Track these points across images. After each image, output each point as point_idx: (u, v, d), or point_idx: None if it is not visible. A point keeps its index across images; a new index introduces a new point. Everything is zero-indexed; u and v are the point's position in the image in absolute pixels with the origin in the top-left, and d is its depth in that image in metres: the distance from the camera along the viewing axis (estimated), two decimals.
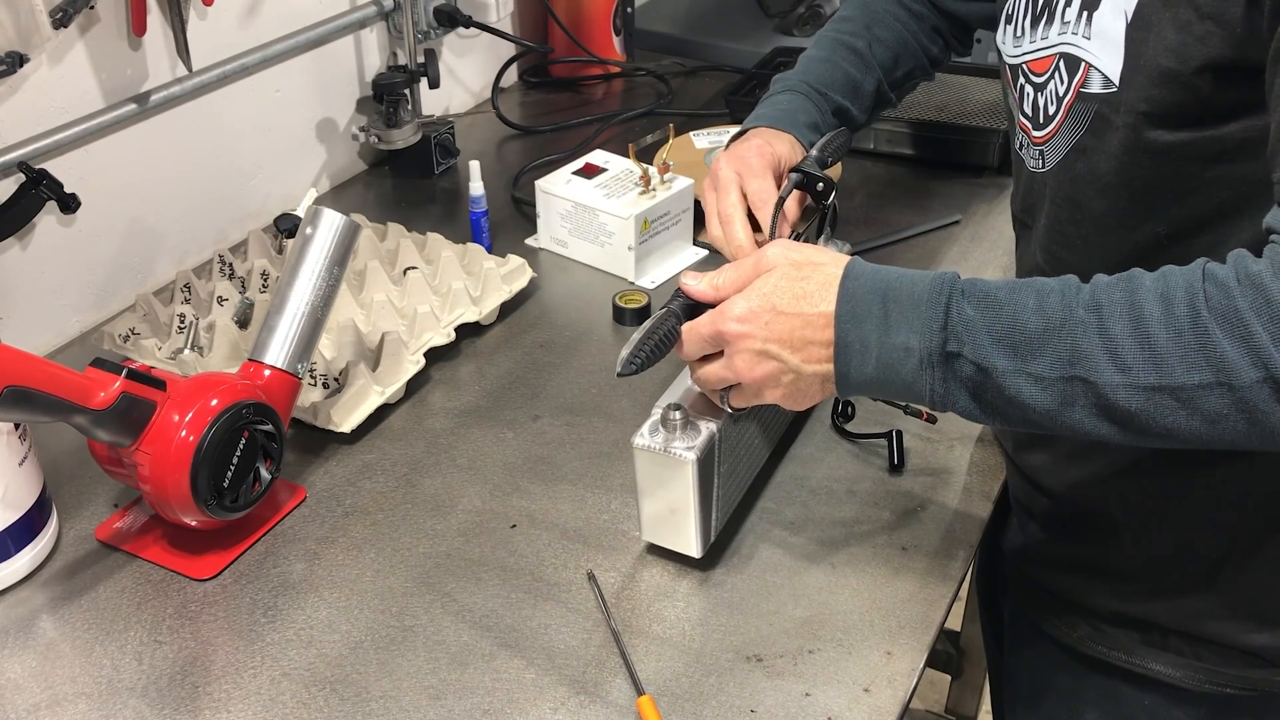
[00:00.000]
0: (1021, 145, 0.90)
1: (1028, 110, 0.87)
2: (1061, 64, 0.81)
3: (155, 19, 1.25)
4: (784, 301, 0.77)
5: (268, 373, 0.98)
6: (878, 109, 1.16)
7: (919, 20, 1.15)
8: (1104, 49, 0.77)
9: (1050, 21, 0.82)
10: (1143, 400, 0.68)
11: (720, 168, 1.01)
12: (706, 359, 0.84)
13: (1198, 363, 0.66)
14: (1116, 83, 0.76)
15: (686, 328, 0.82)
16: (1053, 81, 0.82)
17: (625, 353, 0.81)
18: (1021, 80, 0.87)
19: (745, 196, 0.99)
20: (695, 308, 0.84)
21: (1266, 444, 0.68)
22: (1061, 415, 0.71)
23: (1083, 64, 0.79)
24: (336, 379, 1.11)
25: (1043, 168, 0.86)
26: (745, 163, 0.99)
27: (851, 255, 0.81)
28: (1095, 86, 0.78)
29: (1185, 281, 0.68)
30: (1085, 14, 0.78)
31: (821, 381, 0.79)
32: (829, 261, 0.78)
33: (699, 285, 0.83)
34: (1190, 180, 0.76)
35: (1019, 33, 0.87)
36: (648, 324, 0.82)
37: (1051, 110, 0.83)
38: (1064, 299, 0.70)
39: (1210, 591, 0.89)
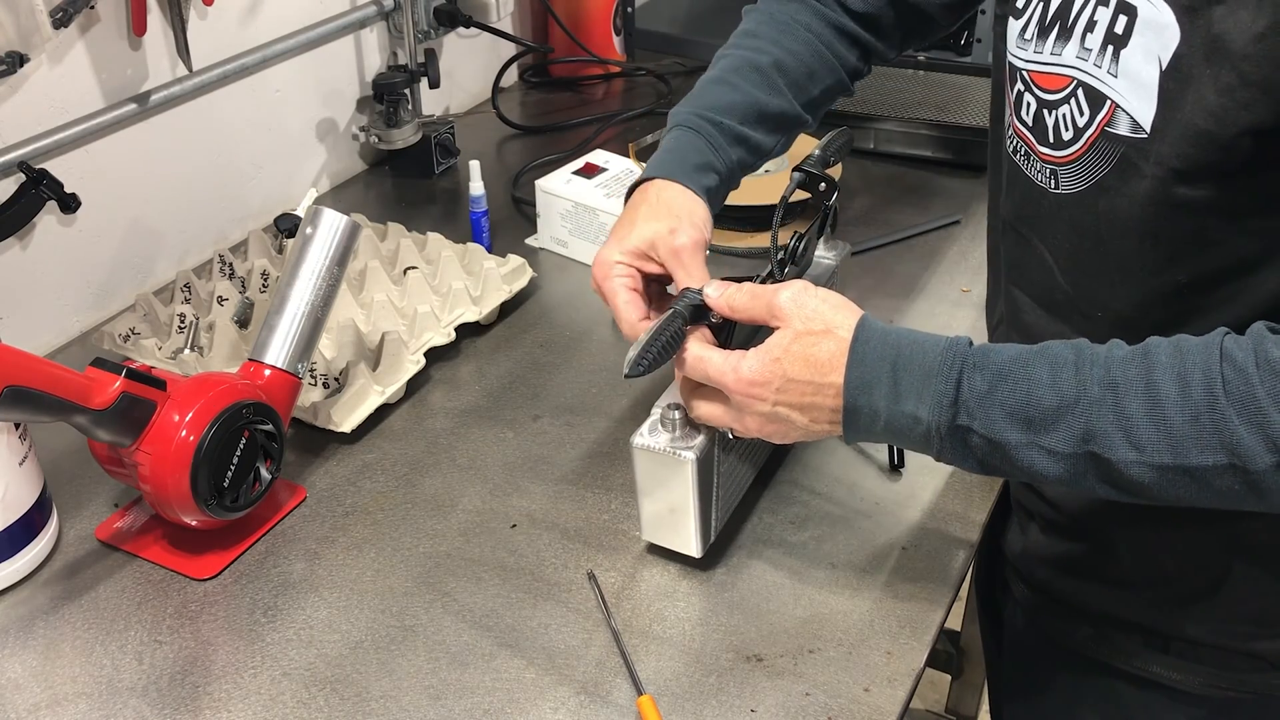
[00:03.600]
0: (1018, 152, 0.87)
1: (1026, 119, 0.85)
2: (1081, 93, 0.78)
3: (155, 19, 1.25)
4: (795, 369, 0.77)
5: (268, 373, 0.98)
6: (791, 132, 1.03)
7: (835, 30, 1.03)
8: (1134, 92, 0.74)
9: (1065, 39, 0.79)
10: (1156, 476, 0.69)
11: (595, 273, 0.92)
12: (704, 393, 0.84)
13: (1212, 445, 0.67)
14: (1148, 130, 0.74)
15: (694, 357, 0.81)
16: (1068, 107, 0.80)
17: (633, 354, 0.80)
18: (1020, 86, 0.85)
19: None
20: (700, 310, 0.83)
21: (1277, 511, 0.70)
22: (1074, 483, 0.72)
23: (1108, 101, 0.76)
24: (337, 379, 1.11)
25: (1055, 188, 0.83)
26: (607, 279, 0.91)
27: (852, 255, 0.80)
28: (1123, 128, 0.76)
29: (1203, 362, 0.68)
30: (1110, 48, 0.75)
31: (829, 433, 0.80)
32: (840, 323, 0.77)
33: (719, 300, 0.83)
34: (1216, 233, 0.76)
35: (1027, 35, 0.84)
36: (654, 325, 0.81)
37: (1067, 136, 0.81)
38: (1078, 374, 0.71)
39: (1212, 597, 0.89)
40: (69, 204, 1.15)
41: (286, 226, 1.24)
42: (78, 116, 1.19)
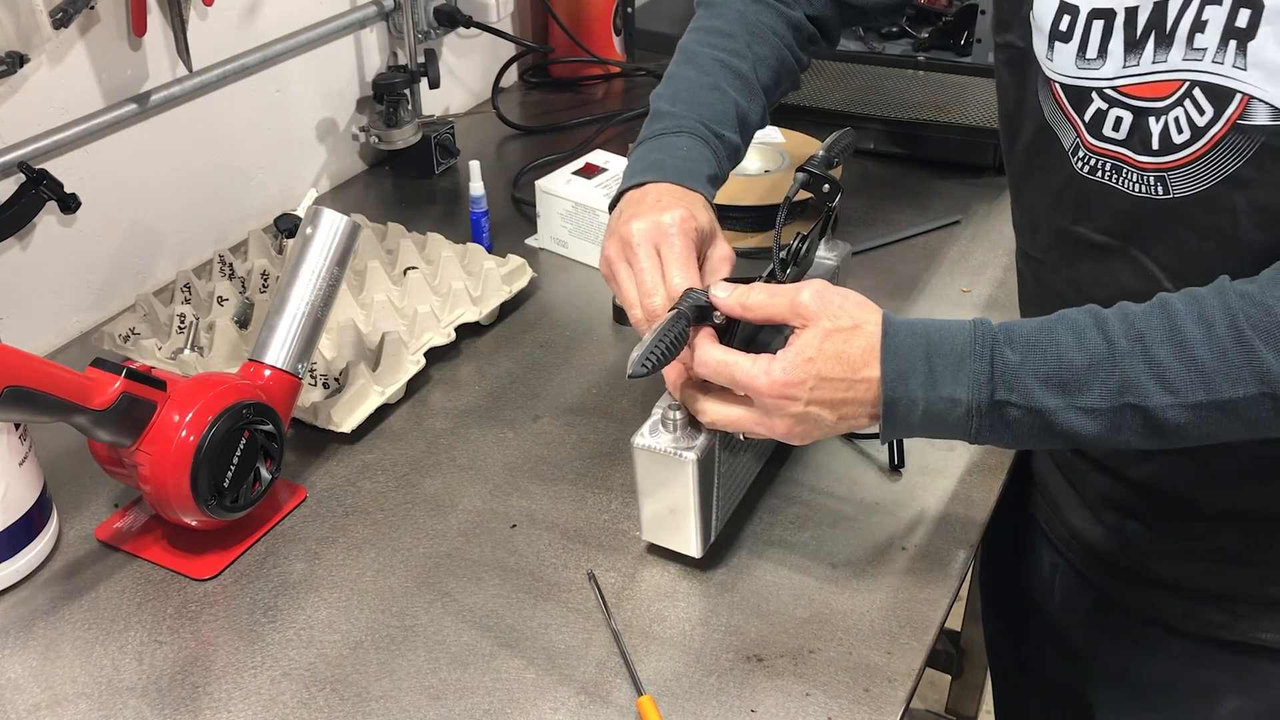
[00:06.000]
0: (1100, 170, 0.84)
1: (1115, 135, 0.82)
2: (1198, 93, 0.77)
3: (155, 19, 1.25)
4: (828, 367, 0.77)
5: (268, 373, 0.98)
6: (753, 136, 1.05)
7: (795, 30, 1.06)
8: (1270, 80, 0.74)
9: (1166, 45, 0.78)
10: (1191, 415, 0.71)
11: (635, 239, 0.87)
12: (718, 396, 0.82)
13: (1243, 377, 0.70)
14: None
15: (718, 361, 0.80)
16: (1180, 110, 0.79)
17: (637, 354, 0.79)
18: (1100, 104, 0.82)
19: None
20: (704, 311, 0.82)
21: None
22: (1110, 438, 0.74)
23: (1238, 95, 0.76)
24: (337, 379, 1.11)
25: (1164, 194, 0.82)
26: (667, 238, 0.87)
27: (852, 255, 0.80)
28: (1261, 118, 0.75)
29: (1220, 303, 0.71)
30: (1233, 43, 0.75)
31: (854, 428, 0.80)
32: (866, 320, 0.78)
33: (728, 299, 0.82)
34: None
35: (1088, 54, 0.82)
36: (658, 326, 0.80)
37: (1180, 139, 0.79)
38: (1103, 332, 0.73)
39: None
40: (69, 204, 1.15)
41: (286, 226, 1.24)
42: (78, 116, 1.19)
